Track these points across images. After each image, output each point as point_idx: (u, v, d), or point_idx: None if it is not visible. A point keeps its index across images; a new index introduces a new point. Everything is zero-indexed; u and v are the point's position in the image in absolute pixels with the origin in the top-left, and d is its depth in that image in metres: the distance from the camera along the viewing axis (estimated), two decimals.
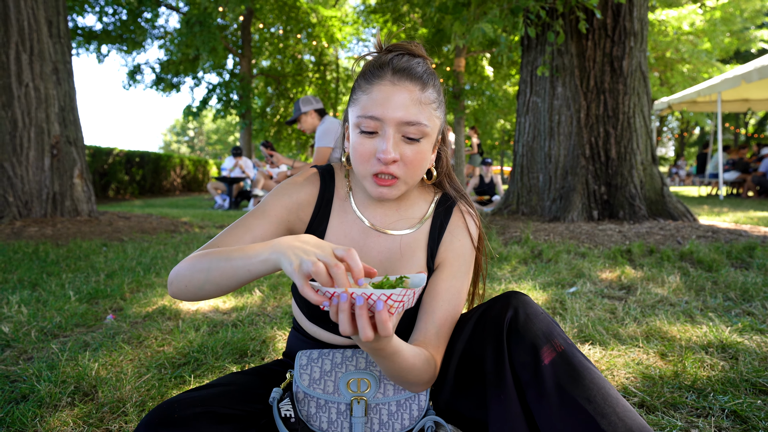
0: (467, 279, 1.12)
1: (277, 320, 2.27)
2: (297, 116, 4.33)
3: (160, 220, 6.15)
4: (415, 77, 0.99)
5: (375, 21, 15.66)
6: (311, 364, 1.08)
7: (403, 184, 1.03)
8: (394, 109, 0.96)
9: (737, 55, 22.25)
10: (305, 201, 1.13)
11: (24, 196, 4.96)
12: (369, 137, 0.99)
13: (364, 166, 1.01)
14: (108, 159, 14.42)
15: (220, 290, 0.93)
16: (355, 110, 1.02)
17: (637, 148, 5.24)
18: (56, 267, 3.28)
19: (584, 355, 0.95)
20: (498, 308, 0.99)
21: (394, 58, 1.01)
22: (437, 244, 1.13)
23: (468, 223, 1.15)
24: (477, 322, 1.02)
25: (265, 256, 0.83)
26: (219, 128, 50.35)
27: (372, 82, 1.00)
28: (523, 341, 0.92)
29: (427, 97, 1.01)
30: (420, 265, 1.11)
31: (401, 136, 0.99)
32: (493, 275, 3.17)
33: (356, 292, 0.72)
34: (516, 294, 1.01)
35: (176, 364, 1.73)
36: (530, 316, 0.95)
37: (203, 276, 0.92)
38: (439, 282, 1.09)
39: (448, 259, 1.11)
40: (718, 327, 2.02)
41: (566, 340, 0.94)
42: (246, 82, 15.06)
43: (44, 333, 2.02)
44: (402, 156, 0.99)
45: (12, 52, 4.89)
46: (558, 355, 0.90)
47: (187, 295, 0.96)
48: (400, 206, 1.15)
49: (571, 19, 5.34)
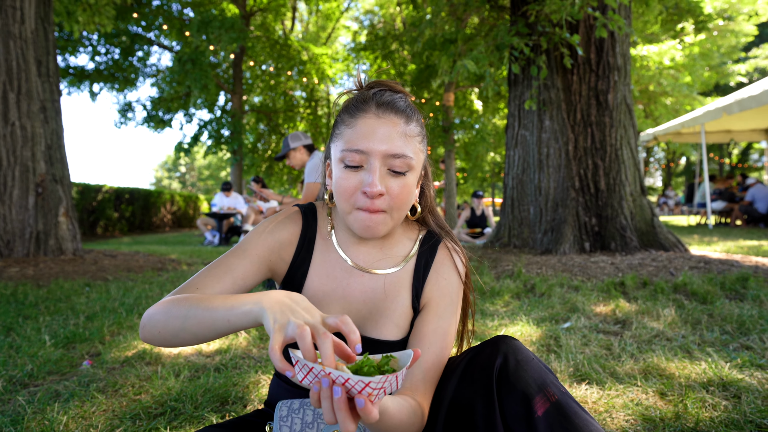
0: (455, 319, 1.07)
1: (262, 363, 2.17)
2: (286, 152, 4.32)
3: (147, 257, 6.03)
4: (399, 111, 0.99)
5: (365, 58, 16.00)
6: (292, 415, 1.01)
7: (390, 219, 0.99)
8: (379, 141, 0.95)
9: (717, 88, 22.90)
10: (287, 240, 1.09)
11: (6, 235, 4.85)
12: (354, 171, 0.96)
13: (348, 202, 0.98)
14: (97, 196, 14.31)
15: (195, 340, 0.87)
16: (339, 144, 0.99)
17: (625, 180, 5.28)
18: (34, 309, 3.17)
19: (579, 404, 0.89)
20: (487, 354, 0.94)
21: (377, 93, 1.01)
22: (422, 283, 1.08)
23: (455, 260, 1.11)
24: (465, 370, 0.96)
25: (248, 308, 0.78)
26: (211, 164, 50.51)
27: (356, 115, 0.99)
28: (515, 391, 0.87)
29: (412, 130, 1.00)
30: (405, 305, 1.07)
31: (387, 169, 0.97)
32: (485, 311, 3.10)
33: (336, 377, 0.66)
34: (505, 339, 0.96)
35: (152, 414, 1.63)
36: (521, 363, 0.90)
37: (179, 323, 0.86)
38: (426, 324, 1.04)
39: (434, 299, 1.07)
40: (717, 363, 1.96)
41: (560, 389, 0.88)
42: (237, 118, 15.18)
43: (13, 383, 1.91)
44: (388, 189, 0.96)
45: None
46: (552, 406, 0.85)
47: (160, 341, 0.90)
48: (384, 245, 1.10)
49: (556, 54, 5.46)
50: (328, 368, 0.66)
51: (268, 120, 18.13)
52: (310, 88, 17.55)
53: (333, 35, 22.99)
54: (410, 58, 14.90)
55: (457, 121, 15.80)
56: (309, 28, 23.45)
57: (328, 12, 19.72)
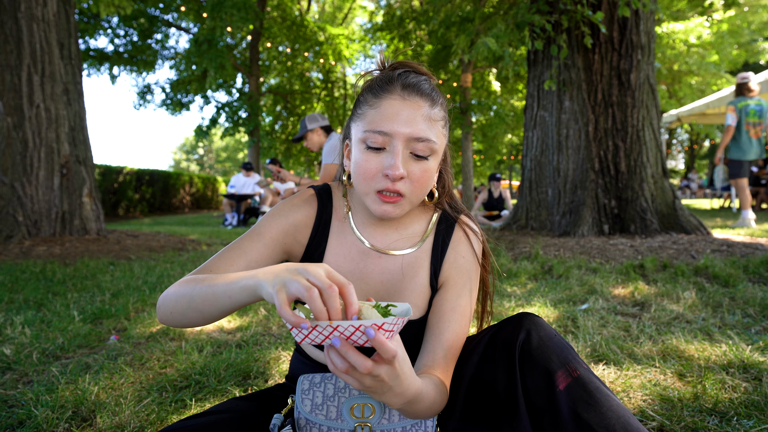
0: (473, 296, 1.08)
1: (282, 340, 2.22)
2: (303, 134, 4.33)
3: (168, 238, 6.15)
4: (424, 93, 0.97)
5: (382, 38, 15.84)
6: (313, 389, 1.03)
7: (408, 203, 0.99)
8: (403, 124, 0.94)
9: (746, 67, 22.15)
10: (302, 222, 1.09)
11: (33, 215, 4.99)
12: (375, 153, 0.95)
13: (368, 183, 0.97)
14: (118, 178, 14.57)
15: (203, 318, 0.88)
16: (361, 125, 0.98)
17: (647, 161, 5.18)
18: (62, 287, 3.27)
19: (601, 380, 0.90)
20: (509, 330, 0.95)
21: (402, 74, 1.00)
22: (440, 261, 1.09)
23: (471, 238, 1.11)
24: (487, 345, 0.97)
25: (245, 282, 0.78)
26: (228, 146, 50.91)
27: (380, 96, 0.97)
28: (537, 366, 0.88)
29: (436, 114, 0.99)
30: (423, 284, 1.07)
31: (409, 152, 0.96)
32: (502, 292, 3.11)
33: (342, 325, 0.66)
34: (528, 315, 0.97)
35: (178, 387, 1.69)
36: (543, 338, 0.91)
37: (186, 303, 0.88)
38: (445, 301, 1.04)
39: (452, 277, 1.07)
40: (738, 345, 1.94)
41: (582, 364, 0.89)
42: (254, 100, 15.23)
43: (46, 355, 1.99)
44: (409, 173, 0.95)
45: (24, 73, 4.97)
46: (573, 381, 0.86)
47: (173, 321, 0.92)
48: (400, 225, 1.10)
49: (577, 33, 5.34)
50: (335, 321, 0.67)
51: (285, 102, 18.14)
52: (327, 69, 17.47)
53: (349, 15, 22.76)
54: (427, 39, 14.69)
55: (474, 103, 15.60)
56: (325, 8, 23.23)
57: None
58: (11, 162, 4.92)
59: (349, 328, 0.67)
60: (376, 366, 0.69)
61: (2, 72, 4.91)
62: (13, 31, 4.93)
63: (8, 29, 4.92)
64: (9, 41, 4.92)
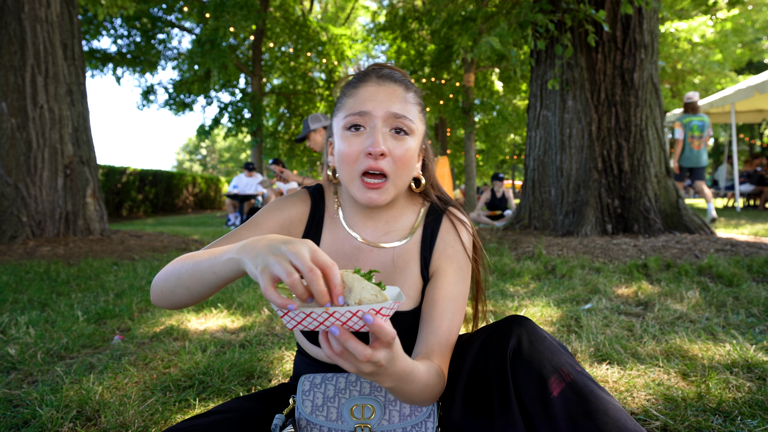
0: (465, 285, 1.08)
1: (285, 340, 2.23)
2: (306, 134, 4.33)
3: (171, 238, 6.17)
4: (398, 80, 1.05)
5: (384, 38, 15.84)
6: (314, 390, 1.04)
7: (392, 185, 1.01)
8: (381, 102, 0.99)
9: (750, 66, 22.06)
10: (297, 218, 1.13)
11: (37, 215, 5.01)
12: (356, 135, 0.99)
13: (351, 167, 1.00)
14: (121, 178, 14.61)
15: (189, 295, 0.89)
16: (341, 113, 1.03)
17: (650, 161, 5.17)
18: (66, 287, 3.28)
19: (596, 383, 0.89)
20: (500, 335, 0.94)
21: (376, 68, 1.07)
22: (430, 252, 1.10)
23: (459, 228, 1.12)
24: (479, 351, 0.96)
25: (228, 256, 0.77)
26: (231, 146, 50.97)
27: (357, 86, 1.04)
28: (530, 372, 0.87)
29: (411, 98, 1.05)
30: (414, 275, 1.09)
31: (389, 130, 1.00)
32: (505, 292, 3.11)
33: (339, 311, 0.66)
34: (518, 319, 0.96)
35: (181, 386, 1.69)
36: (535, 343, 0.90)
37: (174, 279, 0.90)
38: (436, 290, 1.05)
39: (442, 266, 1.08)
40: (743, 345, 1.94)
41: (575, 367, 0.88)
42: (257, 100, 15.25)
43: (50, 355, 2.00)
44: (390, 151, 0.99)
45: (28, 74, 4.99)
46: (567, 386, 0.85)
47: (163, 299, 0.94)
48: (390, 218, 1.13)
49: (580, 32, 5.32)
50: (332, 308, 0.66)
51: (287, 102, 18.16)
52: (330, 69, 17.48)
53: (352, 15, 22.76)
54: (430, 39, 14.68)
55: (477, 102, 15.57)
56: (327, 8, 23.24)
57: None
58: (15, 162, 4.94)
59: (346, 313, 0.66)
60: (375, 352, 0.70)
61: (6, 73, 4.93)
62: (17, 32, 4.95)
63: (12, 30, 4.94)
64: (13, 42, 4.94)
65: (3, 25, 4.93)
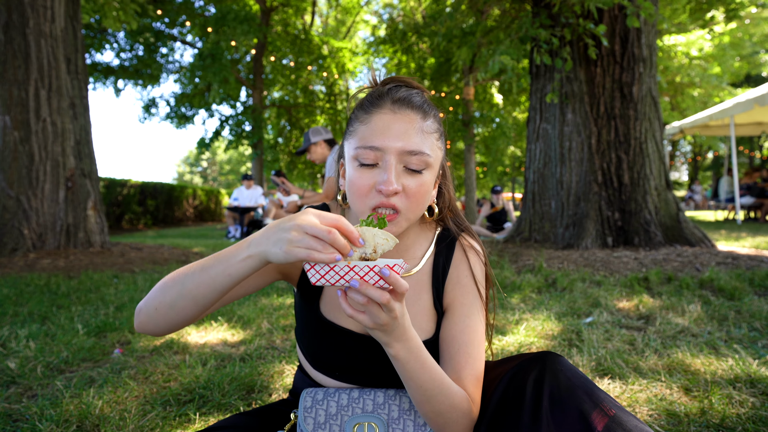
0: (481, 314, 1.05)
1: (285, 354, 2.22)
2: (306, 146, 4.36)
3: (171, 250, 6.17)
4: (415, 106, 0.96)
5: (385, 51, 15.97)
6: (316, 407, 1.02)
7: (404, 219, 0.95)
8: (395, 137, 0.91)
9: (748, 79, 22.22)
10: None
11: (38, 228, 5.02)
12: (368, 169, 0.93)
13: (362, 200, 0.94)
14: (122, 191, 14.64)
15: (195, 305, 0.84)
16: (353, 142, 0.96)
17: (650, 174, 5.18)
18: (66, 300, 3.28)
19: (633, 414, 0.88)
20: (532, 370, 0.92)
21: (392, 89, 0.98)
22: (442, 283, 1.06)
23: (471, 258, 1.08)
24: (507, 387, 0.94)
25: (246, 254, 0.78)
26: (231, 158, 51.13)
27: (370, 111, 0.95)
28: (569, 409, 0.85)
29: (429, 126, 0.96)
30: (426, 306, 1.05)
31: (403, 167, 0.93)
32: (506, 304, 3.10)
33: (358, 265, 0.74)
34: (550, 355, 0.95)
35: (181, 401, 1.68)
36: (571, 379, 0.89)
37: (176, 291, 0.84)
38: (454, 325, 1.01)
39: (457, 299, 1.04)
40: (745, 360, 1.93)
41: (614, 402, 0.87)
42: (258, 113, 15.34)
43: (50, 368, 2.00)
44: (405, 188, 0.92)
45: (31, 88, 5.03)
46: (610, 420, 0.84)
47: (157, 319, 0.86)
48: (400, 246, 1.07)
49: (580, 46, 5.38)
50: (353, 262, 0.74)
51: (288, 115, 18.26)
52: (330, 82, 17.61)
53: (352, 29, 22.97)
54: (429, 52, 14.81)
55: (477, 115, 15.66)
56: (328, 22, 23.48)
57: (348, 6, 19.71)
58: (17, 175, 4.96)
59: (364, 268, 0.74)
60: (393, 299, 0.76)
61: (10, 87, 4.98)
62: (22, 46, 5.00)
63: (17, 45, 4.99)
64: (17, 56, 4.99)
65: (8, 40, 4.99)
